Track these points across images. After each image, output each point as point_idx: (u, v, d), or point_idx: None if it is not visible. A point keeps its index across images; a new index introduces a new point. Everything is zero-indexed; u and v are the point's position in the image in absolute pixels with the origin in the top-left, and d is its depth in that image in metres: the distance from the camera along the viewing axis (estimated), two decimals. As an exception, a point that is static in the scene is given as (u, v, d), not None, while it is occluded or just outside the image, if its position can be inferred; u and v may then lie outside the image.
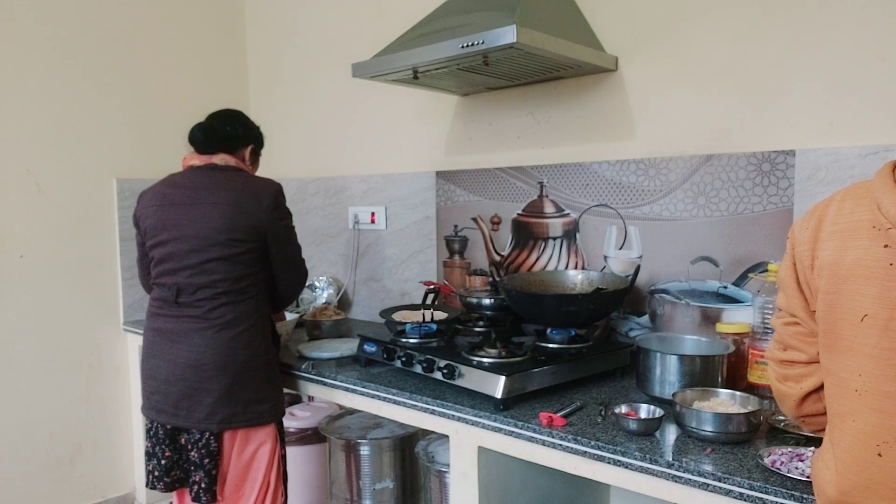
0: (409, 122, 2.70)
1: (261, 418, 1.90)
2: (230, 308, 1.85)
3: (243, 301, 1.87)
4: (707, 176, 1.88)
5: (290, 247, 1.96)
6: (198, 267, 1.84)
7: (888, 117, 1.59)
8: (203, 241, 1.83)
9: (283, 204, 1.93)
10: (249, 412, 1.88)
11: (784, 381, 1.01)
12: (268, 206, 1.87)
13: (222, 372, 1.83)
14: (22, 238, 2.70)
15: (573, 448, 1.42)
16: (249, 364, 1.87)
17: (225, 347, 1.84)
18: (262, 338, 1.92)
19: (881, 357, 0.81)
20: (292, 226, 1.97)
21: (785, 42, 1.73)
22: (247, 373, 1.87)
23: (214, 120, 1.99)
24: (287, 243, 1.94)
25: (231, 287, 1.85)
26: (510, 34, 1.69)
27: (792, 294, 0.95)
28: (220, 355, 1.84)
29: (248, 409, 1.87)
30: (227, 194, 1.85)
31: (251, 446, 1.92)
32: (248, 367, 1.87)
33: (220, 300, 1.85)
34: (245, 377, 1.86)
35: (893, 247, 0.80)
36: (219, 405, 1.84)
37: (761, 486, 1.16)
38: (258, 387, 1.89)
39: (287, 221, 1.95)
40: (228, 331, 1.85)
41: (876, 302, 0.81)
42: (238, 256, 1.85)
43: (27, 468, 2.73)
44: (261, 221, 1.86)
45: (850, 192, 0.89)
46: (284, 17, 3.21)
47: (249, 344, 1.87)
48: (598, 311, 1.92)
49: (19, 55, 2.67)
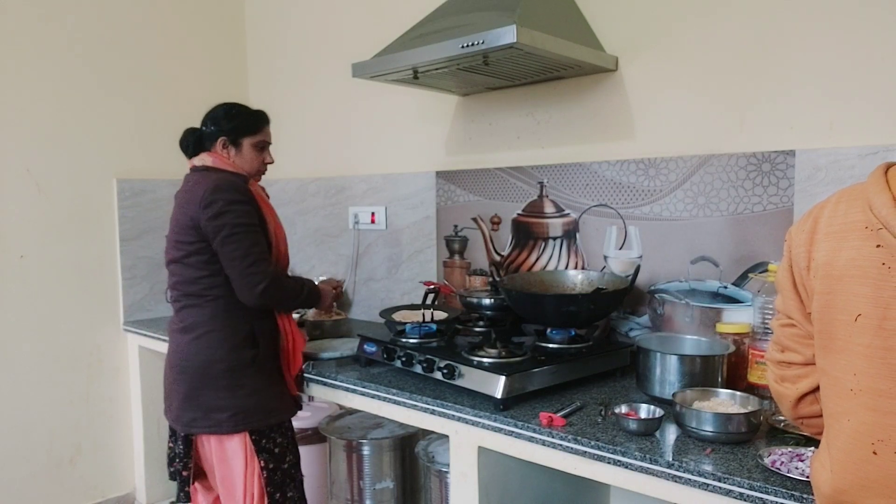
0: (409, 122, 2.70)
1: (220, 427, 1.83)
2: (190, 311, 1.86)
3: (201, 305, 1.84)
4: (707, 176, 1.88)
5: (227, 248, 1.77)
6: (168, 268, 1.90)
7: (888, 117, 1.59)
8: (168, 244, 1.89)
9: (219, 200, 1.76)
10: (210, 419, 1.83)
11: (781, 382, 1.02)
12: (201, 203, 1.76)
13: (183, 375, 1.85)
14: (22, 238, 2.70)
15: (573, 448, 1.42)
16: (205, 370, 1.82)
17: (184, 350, 1.85)
18: (222, 344, 1.82)
19: (875, 356, 0.82)
20: (230, 223, 1.76)
21: (785, 42, 1.73)
22: (203, 378, 1.82)
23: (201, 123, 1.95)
24: (223, 244, 1.77)
25: (189, 290, 1.85)
26: (510, 34, 1.69)
27: (788, 296, 0.96)
28: (180, 358, 1.86)
29: (208, 415, 1.83)
30: (181, 196, 1.86)
31: (226, 455, 1.87)
32: (204, 373, 1.82)
33: (182, 302, 1.87)
34: (202, 383, 1.82)
35: (885, 247, 0.81)
36: (184, 407, 1.85)
37: (761, 486, 1.16)
38: (218, 394, 1.82)
39: (221, 221, 1.75)
40: (187, 334, 1.85)
41: (869, 301, 0.82)
42: (186, 259, 1.82)
43: (27, 468, 2.73)
44: (196, 221, 1.77)
45: (844, 193, 0.90)
46: (284, 17, 3.21)
47: (205, 349, 1.82)
48: (598, 311, 1.92)
49: (19, 55, 2.67)
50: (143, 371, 2.94)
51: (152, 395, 2.94)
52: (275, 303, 1.86)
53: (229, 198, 1.77)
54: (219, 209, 1.76)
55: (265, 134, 1.97)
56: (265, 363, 1.88)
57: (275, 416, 1.89)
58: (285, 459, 1.92)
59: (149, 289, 3.04)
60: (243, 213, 1.79)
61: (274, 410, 1.89)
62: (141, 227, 3.01)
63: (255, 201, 1.85)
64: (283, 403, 1.93)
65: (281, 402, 1.92)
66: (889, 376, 0.81)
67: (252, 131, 1.94)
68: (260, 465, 1.85)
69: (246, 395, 1.84)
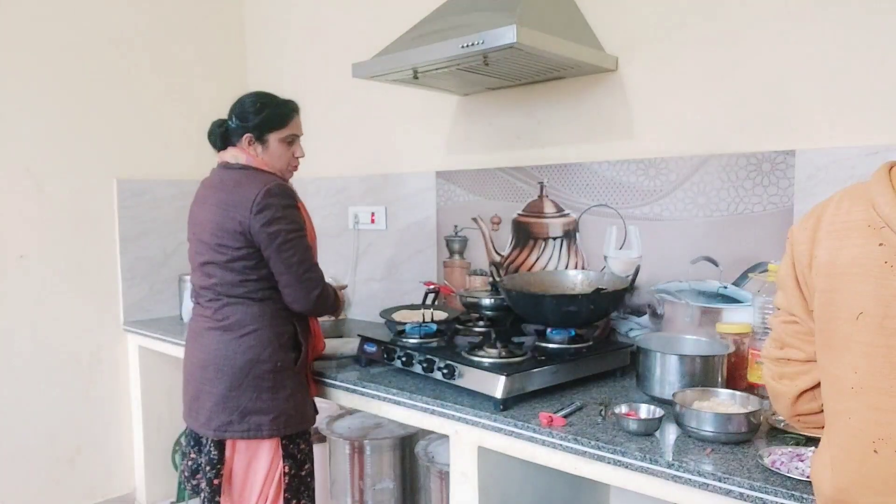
0: (409, 122, 2.70)
1: (258, 431, 1.77)
2: (234, 309, 1.79)
3: (250, 303, 1.78)
4: (707, 176, 1.88)
5: (283, 255, 1.74)
6: (200, 269, 1.83)
7: (888, 117, 1.59)
8: (201, 244, 1.81)
9: (272, 206, 1.72)
10: (246, 423, 1.77)
11: (779, 380, 1.01)
12: (252, 209, 1.71)
13: (221, 375, 1.77)
14: (22, 238, 2.70)
15: (573, 448, 1.42)
16: (249, 370, 1.76)
17: (226, 349, 1.77)
18: (269, 343, 1.78)
19: (876, 354, 0.82)
20: (285, 230, 1.73)
21: (785, 42, 1.73)
22: (245, 379, 1.76)
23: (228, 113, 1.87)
24: (279, 251, 1.73)
25: (231, 291, 1.78)
26: (510, 34, 1.69)
27: (791, 293, 0.96)
28: (220, 357, 1.77)
29: (244, 419, 1.76)
30: (221, 195, 1.77)
31: (251, 459, 1.82)
32: (247, 373, 1.76)
33: (223, 301, 1.80)
34: (243, 383, 1.76)
35: (888, 245, 0.81)
36: (216, 410, 1.77)
37: (761, 486, 1.16)
38: (258, 395, 1.77)
39: (275, 227, 1.72)
40: (231, 332, 1.78)
41: (871, 299, 0.82)
42: (230, 263, 1.76)
43: (27, 468, 2.73)
44: (246, 227, 1.72)
45: (847, 192, 0.91)
46: (284, 17, 3.21)
47: (251, 348, 1.77)
48: (598, 311, 1.92)
49: (19, 55, 2.67)
50: (143, 371, 2.94)
51: (152, 395, 2.95)
52: (323, 308, 1.86)
53: (282, 203, 1.73)
54: (272, 216, 1.71)
55: (294, 127, 1.88)
56: (303, 367, 1.88)
57: (308, 421, 1.88)
58: (304, 466, 1.88)
59: (149, 289, 3.04)
60: (295, 218, 1.77)
61: (307, 415, 1.88)
62: (141, 227, 3.00)
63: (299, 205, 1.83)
64: (312, 409, 1.92)
65: (311, 407, 1.91)
66: (890, 374, 0.81)
67: (278, 125, 1.84)
68: (284, 469, 1.81)
69: (286, 397, 1.80)
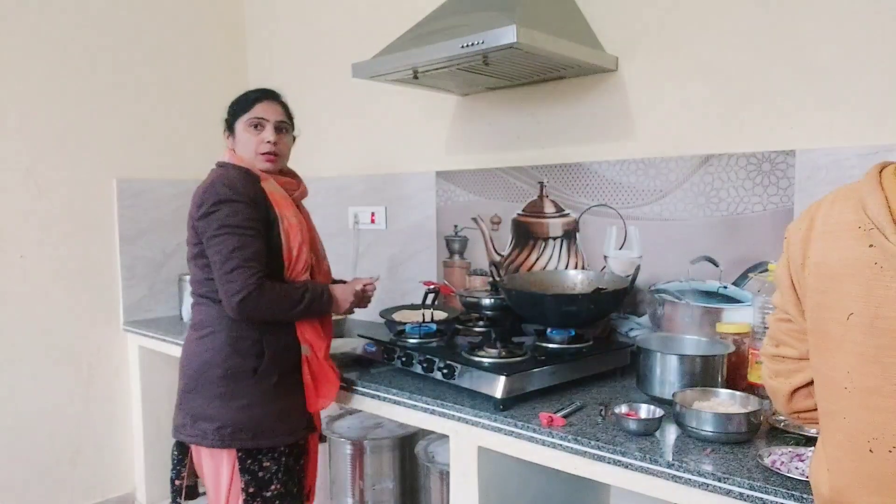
0: (408, 122, 2.70)
1: (204, 438, 1.67)
2: (199, 309, 1.77)
3: (210, 304, 1.73)
4: (707, 176, 1.88)
5: (210, 251, 1.66)
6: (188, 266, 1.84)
7: (888, 117, 1.59)
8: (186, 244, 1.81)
9: (209, 199, 1.65)
10: (196, 428, 1.69)
11: (775, 377, 1.02)
12: (195, 201, 1.69)
13: (182, 374, 1.75)
14: (22, 238, 2.70)
15: (573, 448, 1.42)
16: (202, 372, 1.70)
17: (188, 349, 1.76)
18: (223, 348, 1.69)
19: (867, 355, 0.82)
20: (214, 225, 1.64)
21: (785, 42, 1.73)
22: (198, 381, 1.70)
23: None
24: (208, 246, 1.66)
25: (198, 289, 1.76)
26: (510, 34, 1.69)
27: (786, 292, 0.97)
28: (185, 356, 1.77)
29: (195, 423, 1.69)
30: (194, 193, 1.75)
31: (212, 467, 1.73)
32: (199, 375, 1.70)
33: (193, 300, 1.80)
34: (196, 386, 1.70)
35: (878, 247, 0.81)
36: (176, 410, 1.76)
37: (761, 486, 1.16)
38: (209, 402, 1.68)
39: (207, 221, 1.65)
40: (194, 332, 1.76)
41: (861, 301, 0.82)
42: (193, 260, 1.74)
43: (27, 468, 2.73)
44: (193, 220, 1.69)
45: (840, 193, 0.91)
46: (284, 17, 3.21)
47: (206, 351, 1.70)
48: (598, 311, 1.92)
49: (19, 55, 2.67)
50: (143, 371, 2.94)
51: (152, 395, 2.94)
52: (258, 315, 1.66)
53: (218, 196, 1.65)
54: (207, 209, 1.65)
55: (259, 110, 1.77)
56: (269, 376, 1.71)
57: (266, 438, 1.70)
58: (269, 487, 1.71)
59: (148, 289, 3.04)
60: (232, 212, 1.64)
61: (266, 432, 1.70)
62: (141, 227, 3.00)
63: (260, 199, 1.69)
64: (283, 426, 1.73)
65: (279, 423, 1.72)
66: (881, 375, 0.81)
67: (242, 111, 1.77)
68: (241, 485, 1.69)
69: (239, 408, 1.67)
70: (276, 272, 1.71)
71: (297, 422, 1.77)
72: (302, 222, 1.79)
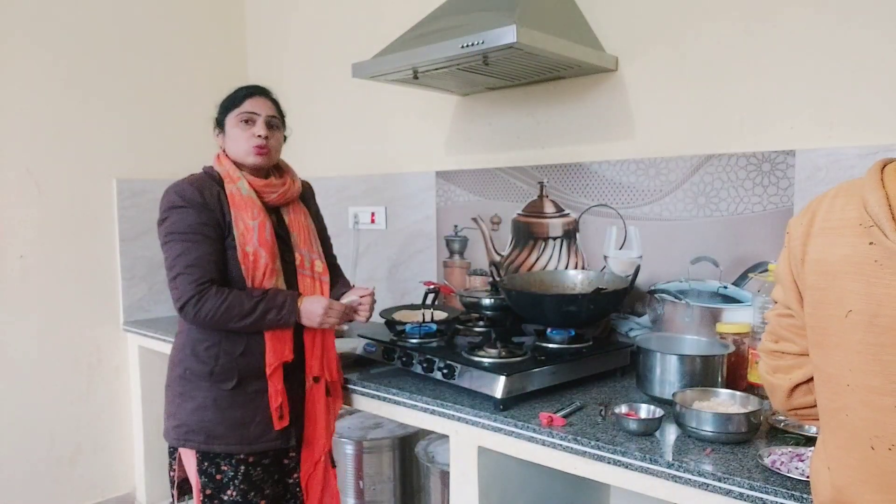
0: (409, 122, 2.70)
1: (167, 435, 1.73)
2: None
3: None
4: (707, 176, 1.88)
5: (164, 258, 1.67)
6: None
7: (888, 117, 1.59)
8: None
9: (162, 206, 1.67)
10: (166, 424, 1.75)
11: (774, 373, 1.02)
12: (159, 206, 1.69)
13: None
14: (22, 238, 2.70)
15: (573, 448, 1.42)
16: (169, 370, 1.75)
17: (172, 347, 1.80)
18: (183, 349, 1.71)
19: (867, 352, 0.82)
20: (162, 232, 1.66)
21: (785, 42, 1.73)
22: (168, 379, 1.76)
23: None
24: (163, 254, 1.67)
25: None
26: (510, 34, 1.69)
27: (788, 287, 0.97)
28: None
29: (167, 420, 1.74)
30: None
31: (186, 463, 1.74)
32: (168, 374, 1.76)
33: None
34: (168, 384, 1.75)
35: (878, 244, 0.81)
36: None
37: (761, 486, 1.16)
38: (171, 400, 1.73)
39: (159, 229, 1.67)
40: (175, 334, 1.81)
41: (861, 298, 0.82)
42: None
43: (27, 468, 2.73)
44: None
45: (841, 189, 0.91)
46: (284, 18, 3.21)
47: (174, 350, 1.75)
48: (598, 311, 1.92)
49: (19, 55, 2.67)
50: (143, 371, 2.94)
51: (152, 395, 2.94)
52: (202, 322, 1.61)
53: (167, 203, 1.65)
54: (160, 217, 1.67)
55: (249, 105, 1.72)
56: (224, 382, 1.65)
57: (219, 444, 1.65)
58: (225, 492, 1.67)
59: (148, 289, 3.04)
60: (179, 219, 1.62)
61: (220, 437, 1.65)
62: (141, 227, 3.00)
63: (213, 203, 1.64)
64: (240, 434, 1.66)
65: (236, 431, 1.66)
66: (881, 373, 0.81)
67: (232, 106, 1.73)
68: (198, 485, 1.68)
69: (192, 410, 1.67)
70: (237, 277, 1.66)
71: (260, 433, 1.68)
72: (263, 226, 1.67)
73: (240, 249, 1.64)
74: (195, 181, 1.69)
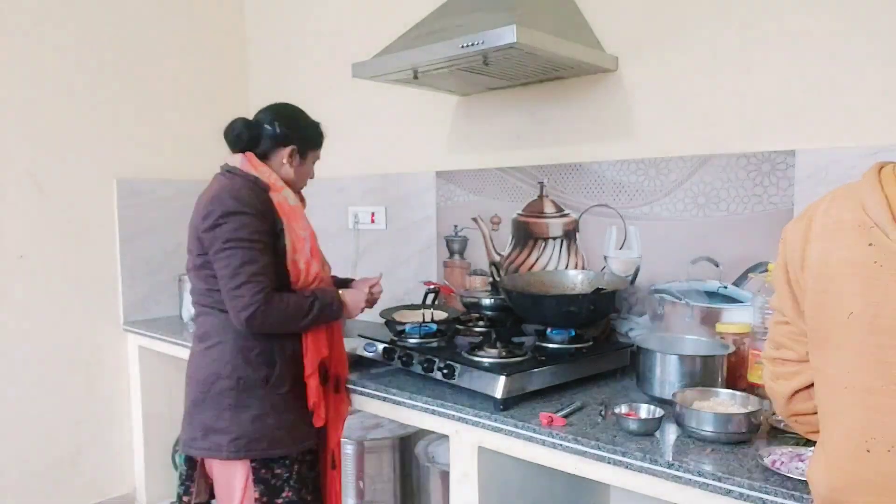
0: (409, 122, 2.70)
1: (219, 451, 1.65)
2: (204, 319, 1.73)
3: (217, 314, 1.69)
4: (707, 176, 1.88)
5: (218, 265, 1.62)
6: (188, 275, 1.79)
7: (888, 117, 1.59)
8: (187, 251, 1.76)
9: (216, 211, 1.62)
10: (208, 441, 1.66)
11: (776, 380, 1.03)
12: (202, 212, 1.65)
13: (189, 388, 1.73)
14: (22, 238, 2.70)
15: (573, 448, 1.42)
16: (210, 384, 1.67)
17: (195, 361, 1.73)
18: (232, 358, 1.66)
19: (867, 354, 0.82)
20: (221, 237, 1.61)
21: (785, 42, 1.73)
22: (207, 394, 1.67)
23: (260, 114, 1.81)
24: (215, 260, 1.62)
25: (202, 300, 1.73)
26: (510, 34, 1.69)
27: (783, 293, 0.97)
28: (191, 369, 1.74)
29: (206, 436, 1.66)
30: (198, 201, 1.72)
31: (229, 478, 1.70)
32: (208, 388, 1.67)
33: (197, 310, 1.76)
34: (205, 398, 1.67)
35: (877, 245, 0.81)
36: (185, 424, 1.72)
37: (761, 486, 1.16)
38: (219, 413, 1.65)
39: (213, 233, 1.62)
40: (200, 343, 1.72)
41: (861, 300, 0.83)
42: (197, 271, 1.70)
43: (27, 468, 2.73)
44: (198, 231, 1.65)
45: (838, 193, 0.92)
46: (284, 18, 3.21)
47: (214, 362, 1.68)
48: (598, 311, 1.92)
49: (20, 56, 2.66)
50: (143, 371, 2.94)
51: (152, 395, 2.95)
52: (268, 328, 1.64)
53: (226, 209, 1.61)
54: (213, 221, 1.61)
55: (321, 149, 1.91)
56: (280, 385, 1.69)
57: (280, 447, 1.69)
58: (280, 494, 1.70)
59: (148, 289, 3.04)
60: (240, 225, 1.60)
61: (279, 441, 1.69)
62: (141, 227, 3.00)
63: (268, 211, 1.66)
64: (294, 434, 1.72)
65: (291, 432, 1.71)
66: (881, 374, 0.81)
67: (316, 146, 1.87)
68: (255, 495, 1.67)
69: (251, 419, 1.65)
70: (284, 282, 1.69)
71: (306, 431, 1.75)
72: (314, 237, 1.77)
73: (290, 258, 1.68)
74: (247, 186, 1.67)
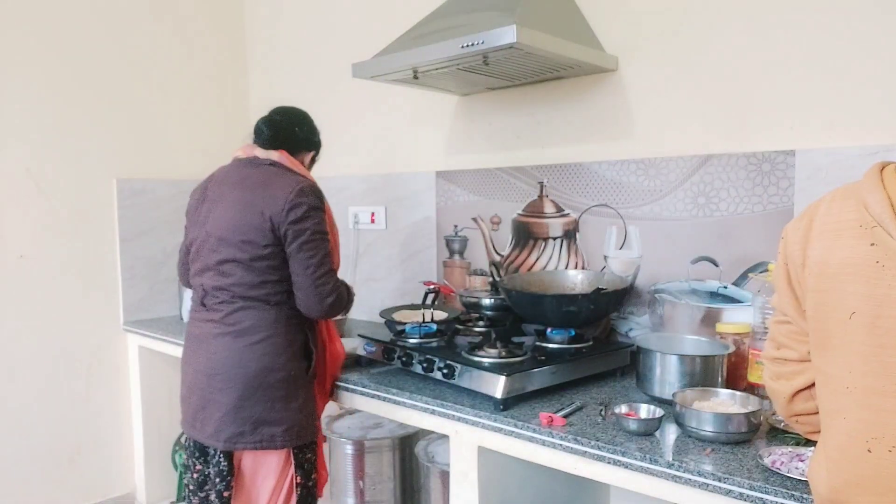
0: (408, 122, 2.70)
1: (272, 442, 1.72)
2: (248, 314, 1.72)
3: (265, 307, 1.72)
4: (707, 176, 1.88)
5: (303, 255, 1.69)
6: (216, 268, 1.74)
7: (888, 117, 1.59)
8: (219, 241, 1.73)
9: (304, 204, 1.69)
10: (259, 434, 1.70)
11: (777, 379, 1.03)
12: (286, 205, 1.68)
13: (232, 383, 1.70)
14: (22, 238, 2.70)
15: (573, 448, 1.42)
16: (262, 378, 1.69)
17: (238, 356, 1.70)
18: (283, 351, 1.73)
19: (869, 354, 0.82)
20: (310, 230, 1.70)
21: (785, 42, 1.73)
22: (258, 387, 1.69)
23: (280, 116, 1.89)
24: (299, 250, 1.69)
25: (248, 292, 1.71)
26: (510, 34, 1.69)
27: (784, 293, 0.97)
28: (231, 364, 1.70)
29: (257, 429, 1.70)
30: (246, 191, 1.72)
31: (261, 469, 1.77)
32: (259, 382, 1.69)
33: (237, 304, 1.72)
34: (256, 392, 1.69)
35: (879, 245, 0.81)
36: (226, 421, 1.70)
37: (761, 486, 1.16)
38: (271, 405, 1.70)
39: (303, 225, 1.69)
40: (243, 338, 1.71)
41: (863, 299, 0.82)
42: (253, 262, 1.69)
43: (27, 468, 2.73)
44: (277, 223, 1.68)
45: (839, 192, 0.91)
46: (284, 18, 3.21)
47: (265, 355, 1.70)
48: (598, 311, 1.92)
49: (19, 55, 2.66)
50: (143, 371, 2.94)
51: (152, 395, 2.95)
52: (335, 314, 1.81)
53: (314, 203, 1.72)
54: (303, 213, 1.69)
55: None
56: (314, 375, 1.84)
57: (313, 433, 1.83)
58: (311, 477, 1.83)
59: (148, 289, 3.04)
60: (322, 220, 1.74)
61: (313, 427, 1.83)
62: (141, 227, 3.00)
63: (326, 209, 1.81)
64: (316, 420, 1.87)
65: (316, 418, 1.87)
66: (883, 374, 0.81)
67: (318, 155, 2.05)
68: (297, 480, 1.77)
69: (298, 408, 1.76)
70: None
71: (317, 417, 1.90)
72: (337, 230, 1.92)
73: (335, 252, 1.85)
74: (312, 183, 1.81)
